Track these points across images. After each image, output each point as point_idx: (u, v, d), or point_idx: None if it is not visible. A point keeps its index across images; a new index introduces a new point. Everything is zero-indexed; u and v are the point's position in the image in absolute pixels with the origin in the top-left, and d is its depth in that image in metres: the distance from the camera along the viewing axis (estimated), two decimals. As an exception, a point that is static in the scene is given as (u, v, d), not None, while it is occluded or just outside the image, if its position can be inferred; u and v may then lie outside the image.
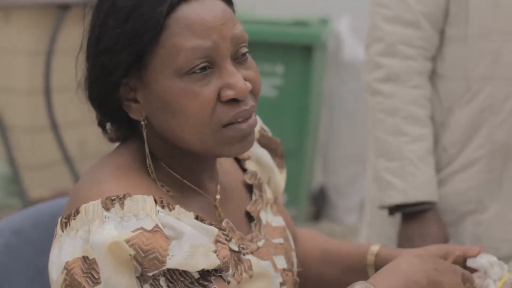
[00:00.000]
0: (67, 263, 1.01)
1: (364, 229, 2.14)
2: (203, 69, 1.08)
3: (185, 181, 1.14)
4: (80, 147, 3.97)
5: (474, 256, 1.40)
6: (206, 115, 1.07)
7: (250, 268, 1.15)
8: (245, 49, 1.11)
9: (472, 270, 1.38)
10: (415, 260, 1.12)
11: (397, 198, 1.86)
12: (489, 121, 1.89)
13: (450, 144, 1.92)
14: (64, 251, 1.03)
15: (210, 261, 1.00)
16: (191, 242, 0.99)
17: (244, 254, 1.16)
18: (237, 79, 1.09)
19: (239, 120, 1.10)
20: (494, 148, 1.89)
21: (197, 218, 1.06)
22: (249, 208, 1.25)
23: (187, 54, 1.06)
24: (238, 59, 1.11)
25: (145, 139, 1.11)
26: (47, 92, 3.82)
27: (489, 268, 1.39)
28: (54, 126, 3.85)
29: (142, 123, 1.10)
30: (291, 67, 4.42)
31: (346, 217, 4.85)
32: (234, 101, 1.09)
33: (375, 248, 1.40)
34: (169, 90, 1.07)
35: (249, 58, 1.13)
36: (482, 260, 1.40)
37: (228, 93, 1.09)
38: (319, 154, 5.01)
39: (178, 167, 1.14)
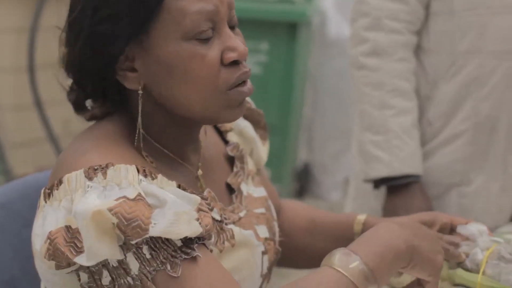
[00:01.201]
0: (50, 233, 1.01)
1: (348, 203, 2.14)
2: (207, 32, 1.08)
3: (168, 153, 1.13)
4: (64, 125, 3.95)
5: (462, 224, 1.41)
6: (213, 78, 1.08)
7: (233, 237, 1.15)
8: (235, 16, 1.12)
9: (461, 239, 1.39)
10: (394, 226, 1.12)
11: (382, 171, 1.86)
12: (474, 94, 1.89)
13: (435, 118, 1.92)
14: (47, 222, 1.03)
15: (193, 229, 0.99)
16: (174, 210, 0.98)
17: (226, 224, 1.16)
18: (237, 41, 1.11)
19: (241, 82, 1.11)
20: (479, 121, 1.89)
21: (179, 187, 1.05)
22: (229, 180, 1.25)
23: (192, 17, 1.06)
24: (231, 25, 1.12)
25: (140, 108, 1.09)
26: (31, 70, 3.80)
27: (478, 237, 1.39)
28: (39, 104, 3.82)
29: (140, 92, 1.09)
30: (276, 44, 4.41)
31: (330, 194, 4.86)
32: (235, 63, 1.10)
33: (362, 217, 1.40)
34: (175, 55, 1.07)
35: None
36: (472, 228, 1.41)
37: (231, 55, 1.10)
38: (303, 131, 5.01)
39: (163, 139, 1.14)
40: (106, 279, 1.00)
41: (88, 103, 1.16)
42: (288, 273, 1.78)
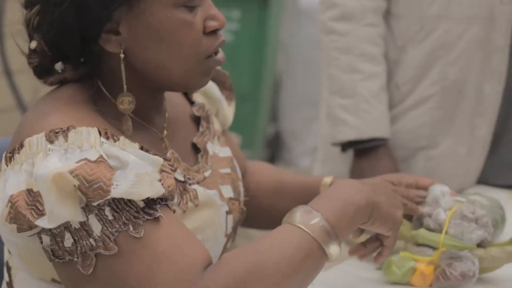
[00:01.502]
0: (11, 196, 1.00)
1: (317, 167, 2.15)
2: (196, 0, 1.10)
3: (133, 116, 1.13)
4: (33, 93, 3.92)
5: (426, 185, 1.41)
6: (197, 45, 1.10)
7: (196, 197, 1.16)
8: None
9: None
10: (354, 183, 1.14)
11: (350, 134, 1.87)
12: (442, 59, 1.89)
13: (403, 82, 1.92)
14: (8, 185, 1.02)
15: (155, 190, 0.99)
16: (136, 171, 0.98)
17: (190, 184, 1.16)
18: (217, 11, 1.13)
19: (216, 51, 1.14)
20: (446, 85, 1.90)
21: (142, 148, 1.05)
22: (195, 139, 1.25)
23: None
24: None
25: (123, 72, 1.09)
26: (1, 37, 3.75)
27: (440, 198, 1.41)
28: (8, 72, 3.79)
29: (122, 55, 1.09)
30: (247, 12, 4.39)
31: (301, 160, 4.87)
32: (213, 32, 1.13)
33: (328, 179, 1.41)
34: (166, 21, 1.08)
35: None
36: (434, 190, 1.42)
37: (213, 24, 1.12)
38: (275, 99, 5.01)
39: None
40: (68, 241, 1.00)
41: (59, 66, 1.14)
42: (256, 235, 1.79)
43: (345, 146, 1.92)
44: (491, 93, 1.92)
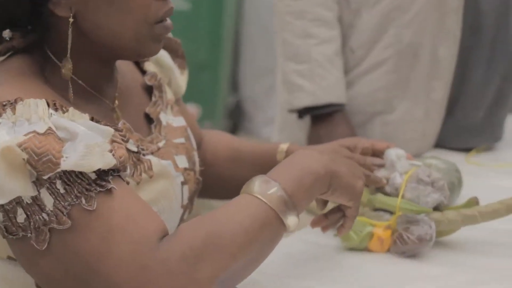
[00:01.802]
0: None
1: (275, 134, 2.14)
2: None
3: (84, 85, 1.11)
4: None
5: (382, 149, 1.42)
6: (147, 8, 1.08)
7: (150, 168, 1.14)
8: None
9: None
10: (313, 152, 1.13)
11: (306, 100, 1.86)
12: (396, 21, 1.89)
13: (358, 46, 1.92)
14: None
15: (106, 161, 0.97)
16: (86, 142, 0.96)
17: (144, 155, 1.15)
18: None
19: (165, 18, 1.11)
20: (401, 48, 1.90)
21: (92, 119, 1.03)
22: (148, 109, 1.24)
23: None
24: None
25: (70, 36, 1.07)
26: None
27: (396, 161, 1.41)
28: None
29: (71, 20, 1.06)
30: (204, -21, 4.36)
31: (263, 129, 4.87)
32: None
33: (284, 146, 1.41)
34: None
35: None
36: (390, 154, 1.42)
37: None
38: (234, 68, 4.99)
39: (79, 71, 1.11)
40: (21, 216, 0.98)
41: (7, 33, 1.11)
42: (217, 206, 1.79)
43: (302, 112, 1.91)
44: (446, 56, 1.93)
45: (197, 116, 4.06)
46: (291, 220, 1.04)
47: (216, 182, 1.44)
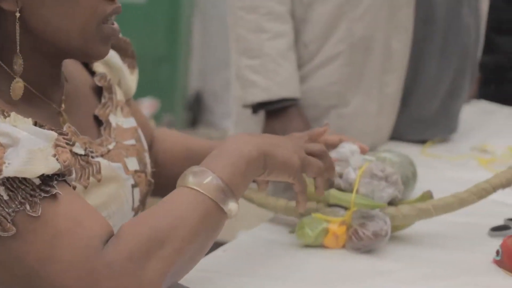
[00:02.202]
0: None
1: (231, 129, 2.13)
2: None
3: (29, 87, 1.08)
4: None
5: (335, 142, 1.41)
6: (94, 6, 1.06)
7: (99, 171, 1.12)
8: None
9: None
10: (244, 136, 1.13)
11: (259, 96, 1.85)
12: (348, 15, 1.88)
13: (311, 40, 1.91)
14: None
15: (49, 166, 0.95)
16: (28, 147, 0.94)
17: (92, 157, 1.12)
18: None
19: (113, 18, 1.10)
20: (354, 42, 1.89)
21: (35, 124, 1.01)
22: (97, 112, 1.21)
23: None
24: None
25: (17, 32, 1.04)
26: None
27: (350, 157, 1.40)
28: None
29: (17, 14, 1.03)
30: (160, -28, 4.32)
31: (223, 122, 4.87)
32: None
33: (232, 134, 1.39)
34: None
35: None
36: (343, 149, 1.41)
37: None
38: (193, 60, 4.97)
39: (24, 73, 1.08)
40: (-35, 223, 0.95)
41: None
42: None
43: (256, 107, 1.90)
44: (399, 49, 1.93)
45: (156, 110, 4.03)
46: (231, 206, 1.05)
47: (169, 181, 1.42)
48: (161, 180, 1.36)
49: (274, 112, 1.88)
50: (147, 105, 3.90)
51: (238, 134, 1.17)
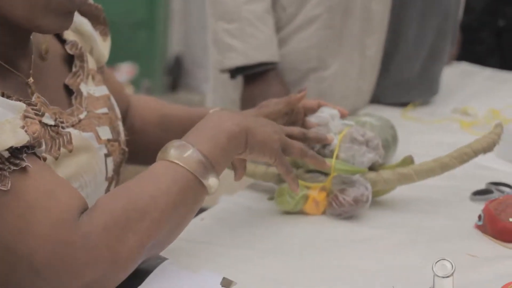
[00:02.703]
0: None
1: (209, 93, 2.10)
2: None
3: None
4: None
5: (313, 106, 1.38)
6: None
7: (70, 142, 1.08)
8: None
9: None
10: (225, 112, 1.13)
11: (237, 60, 1.82)
12: (326, -23, 1.85)
13: (288, 3, 1.87)
14: None
15: (18, 138, 0.92)
16: (-5, 120, 0.91)
17: (63, 128, 1.09)
18: None
19: None
20: (332, 5, 1.86)
21: (3, 95, 0.97)
22: (67, 81, 1.17)
23: None
24: None
25: None
26: None
27: (330, 121, 1.37)
28: None
29: None
30: None
31: (203, 85, 4.82)
32: None
33: (214, 110, 1.36)
34: None
35: None
36: (323, 114, 1.38)
37: None
38: (173, 24, 4.91)
39: None
40: None
41: None
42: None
43: (234, 72, 1.86)
44: (379, 11, 1.90)
45: (135, 75, 3.99)
46: (211, 181, 1.04)
47: (145, 148, 1.39)
48: (137, 147, 1.34)
49: (253, 76, 1.84)
50: (125, 71, 3.86)
51: (220, 110, 1.15)
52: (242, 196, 1.42)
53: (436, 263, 1.08)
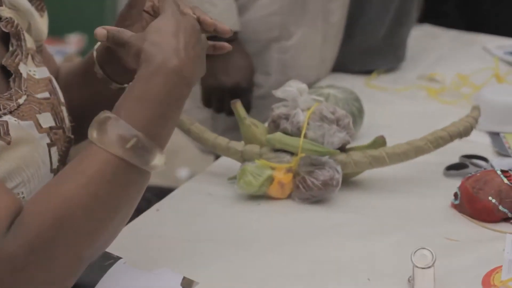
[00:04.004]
0: None
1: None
2: None
3: None
4: None
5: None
6: None
7: (7, 133, 0.96)
8: None
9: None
10: (151, 66, 0.93)
11: (195, 31, 1.71)
12: None
13: (248, -32, 1.77)
14: None
15: None
16: None
17: (0, 116, 0.97)
18: None
19: None
20: (294, -33, 1.76)
21: None
22: (5, 61, 1.04)
23: None
24: None
25: None
26: None
27: (297, 96, 1.27)
28: None
29: None
30: None
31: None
32: None
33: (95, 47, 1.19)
34: None
35: None
36: (290, 88, 1.28)
37: None
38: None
39: None
40: None
41: None
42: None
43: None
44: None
45: (84, 45, 3.85)
46: (155, 161, 0.89)
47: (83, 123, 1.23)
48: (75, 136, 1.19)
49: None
50: (74, 41, 3.73)
51: (143, 66, 0.94)
52: (199, 180, 1.32)
53: (414, 252, 1.01)
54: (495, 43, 2.19)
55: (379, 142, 1.28)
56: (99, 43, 1.16)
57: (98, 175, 0.87)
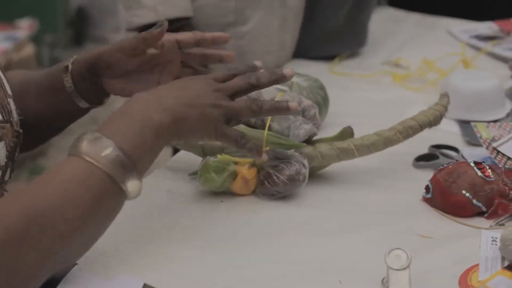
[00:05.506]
0: None
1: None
2: None
3: None
4: None
5: (189, 42, 1.25)
6: None
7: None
8: None
9: None
10: (150, 96, 0.97)
11: (147, 17, 1.65)
12: None
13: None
14: None
15: None
16: None
17: None
18: None
19: None
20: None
21: None
22: None
23: None
24: None
25: None
26: None
27: None
28: None
29: None
30: None
31: (115, 36, 4.58)
32: None
33: (67, 62, 1.14)
34: None
35: None
36: None
37: None
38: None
39: None
40: None
41: None
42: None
43: (144, 31, 1.67)
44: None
45: (35, 31, 3.75)
46: (131, 185, 0.89)
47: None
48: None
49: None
50: (25, 27, 3.63)
51: (142, 93, 0.97)
52: (158, 176, 1.24)
53: (388, 253, 0.95)
54: (459, 27, 2.15)
55: (347, 133, 1.22)
56: (75, 56, 1.14)
57: (72, 178, 0.86)
